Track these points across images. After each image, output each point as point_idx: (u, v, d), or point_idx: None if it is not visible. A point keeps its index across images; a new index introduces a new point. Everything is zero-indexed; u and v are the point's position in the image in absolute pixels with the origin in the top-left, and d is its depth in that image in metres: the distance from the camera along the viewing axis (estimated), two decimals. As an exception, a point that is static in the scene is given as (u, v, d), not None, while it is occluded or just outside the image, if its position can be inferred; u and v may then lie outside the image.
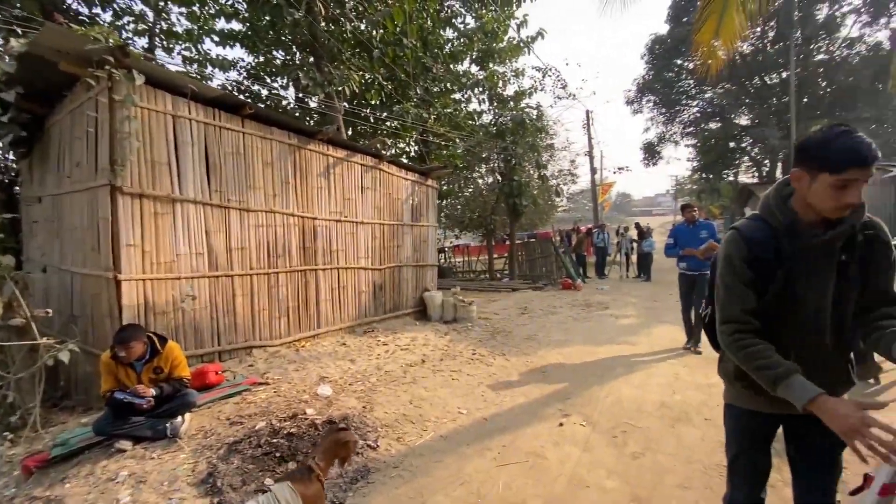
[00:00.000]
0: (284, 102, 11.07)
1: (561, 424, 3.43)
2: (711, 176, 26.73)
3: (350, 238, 6.22)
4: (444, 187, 13.93)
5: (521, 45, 13.38)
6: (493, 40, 12.87)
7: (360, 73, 9.30)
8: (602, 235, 13.88)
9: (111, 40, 3.70)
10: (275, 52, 10.58)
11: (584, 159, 30.35)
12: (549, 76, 13.88)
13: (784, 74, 19.71)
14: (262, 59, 10.64)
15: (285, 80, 10.96)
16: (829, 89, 19.89)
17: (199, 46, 9.57)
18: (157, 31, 8.92)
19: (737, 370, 1.50)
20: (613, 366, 4.86)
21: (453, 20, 12.75)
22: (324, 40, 8.65)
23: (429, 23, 11.15)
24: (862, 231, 1.35)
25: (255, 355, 4.82)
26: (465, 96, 14.02)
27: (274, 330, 5.16)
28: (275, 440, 2.79)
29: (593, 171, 20.02)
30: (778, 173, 22.07)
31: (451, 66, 13.07)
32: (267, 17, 9.27)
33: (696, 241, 5.13)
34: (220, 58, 9.51)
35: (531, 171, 12.70)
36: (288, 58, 10.66)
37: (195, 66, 9.60)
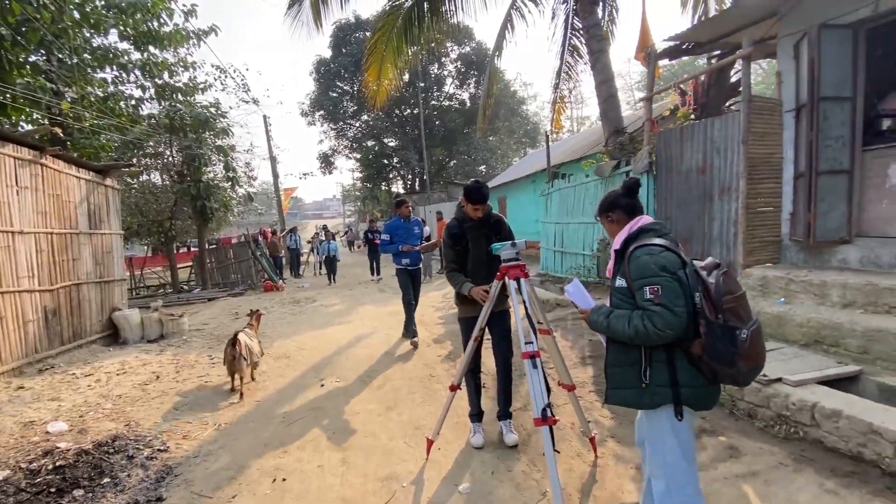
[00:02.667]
0: None
1: (322, 384, 4.32)
2: (371, 185, 32.12)
3: (5, 253, 4.75)
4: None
5: (191, 35, 12.46)
6: (153, 19, 11.42)
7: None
8: (294, 237, 14.82)
9: None
10: None
11: (261, 163, 30.13)
12: (232, 78, 13.53)
13: (416, 111, 26.14)
14: None
15: None
16: (441, 128, 27.81)
17: None
18: None
19: (459, 297, 2.95)
20: (340, 339, 6.04)
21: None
22: None
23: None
24: (490, 220, 3.00)
25: None
26: (120, 78, 11.80)
27: None
28: (39, 479, 2.43)
29: (276, 175, 20.51)
30: (417, 186, 28.95)
31: (93, 35, 10.72)
32: None
33: (413, 237, 5.26)
34: None
35: (220, 174, 12.16)
36: None
37: None
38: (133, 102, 12.06)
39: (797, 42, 4.40)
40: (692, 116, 6.10)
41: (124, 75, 11.79)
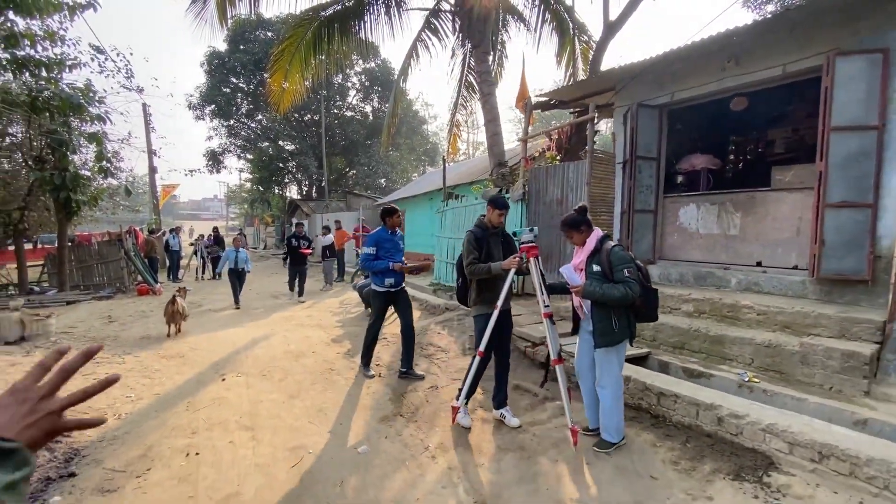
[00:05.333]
0: None
1: (223, 379, 4.54)
2: (264, 188, 30.62)
3: None
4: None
5: (71, 7, 11.16)
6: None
7: None
8: (176, 238, 13.78)
9: None
10: None
11: (139, 155, 26.86)
12: (112, 60, 12.26)
13: (317, 117, 25.81)
14: None
15: None
16: (343, 138, 27.82)
17: None
18: None
19: (476, 297, 3.54)
20: (236, 341, 6.14)
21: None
22: None
23: None
24: (503, 230, 3.69)
25: None
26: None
27: None
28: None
29: (153, 169, 18.62)
30: (314, 193, 28.41)
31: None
32: None
33: (399, 253, 4.59)
34: None
35: (90, 164, 10.95)
36: None
37: None
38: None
39: (625, 113, 5.94)
40: (558, 158, 7.55)
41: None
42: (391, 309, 4.80)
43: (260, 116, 26.32)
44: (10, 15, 10.57)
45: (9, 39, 10.23)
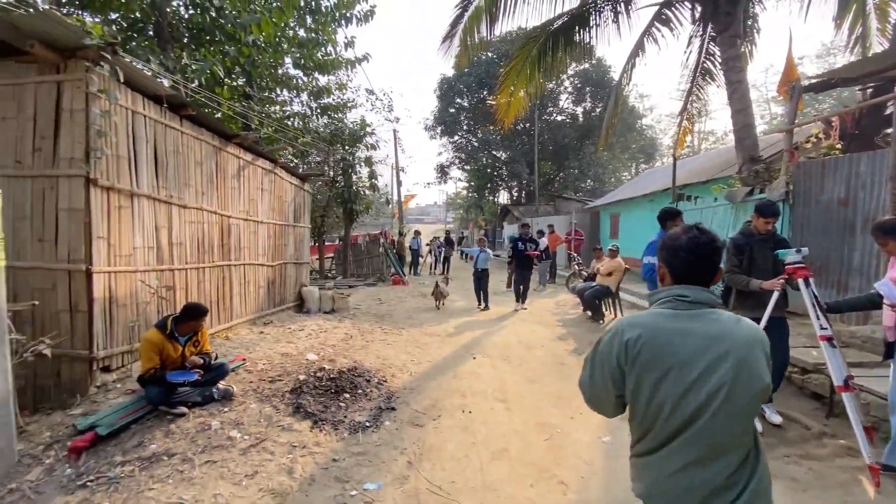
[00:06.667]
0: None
1: (474, 358, 5.43)
2: (477, 195, 33.67)
3: (253, 236, 6.68)
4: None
5: (352, 62, 14.82)
6: (320, 48, 13.87)
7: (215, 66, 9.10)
8: (417, 240, 16.62)
9: (98, 36, 3.73)
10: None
11: (384, 169, 33.46)
12: (380, 99, 15.75)
13: (528, 125, 26.95)
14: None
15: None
16: (551, 142, 28.27)
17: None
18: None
19: (736, 301, 3.64)
20: (474, 327, 7.15)
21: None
22: (179, 23, 8.26)
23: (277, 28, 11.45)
24: (775, 236, 3.68)
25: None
26: (289, 98, 14.54)
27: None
28: (324, 383, 3.83)
29: (399, 183, 22.91)
30: (523, 198, 29.73)
31: (279, 64, 13.44)
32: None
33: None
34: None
35: (364, 181, 14.28)
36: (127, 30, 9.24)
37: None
38: (300, 121, 14.79)
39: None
40: (838, 147, 6.11)
41: (294, 97, 14.54)
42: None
43: (478, 131, 29.13)
44: (316, 74, 14.86)
45: (319, 94, 14.26)
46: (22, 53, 3.67)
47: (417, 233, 16.95)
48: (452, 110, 28.46)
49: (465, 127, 29.57)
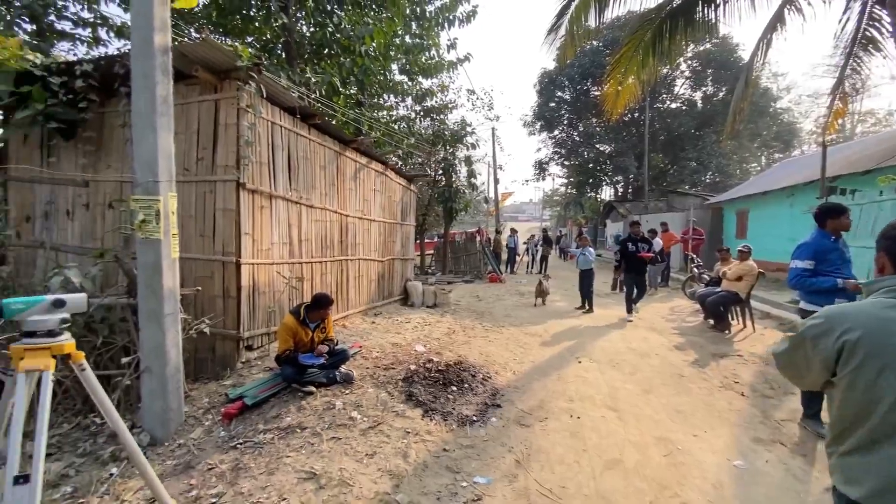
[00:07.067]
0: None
1: (580, 362, 5.21)
2: (577, 192, 32.23)
3: (367, 234, 7.20)
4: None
5: (454, 63, 15.13)
6: (424, 52, 14.31)
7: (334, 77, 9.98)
8: (513, 238, 16.46)
9: (246, 58, 4.32)
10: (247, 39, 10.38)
11: (482, 168, 33.80)
12: (480, 98, 15.91)
13: (636, 115, 25.05)
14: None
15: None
16: (663, 132, 25.94)
17: (95, 6, 8.51)
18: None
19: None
20: (578, 330, 6.86)
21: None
22: (303, 40, 9.18)
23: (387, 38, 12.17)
24: None
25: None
26: (395, 102, 15.29)
27: (325, 310, 5.98)
28: (433, 374, 4.00)
29: (496, 181, 22.87)
30: (630, 194, 27.79)
31: (387, 71, 14.21)
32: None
33: (849, 267, 3.57)
34: (124, 24, 8.58)
35: (463, 180, 14.54)
36: (260, 50, 10.61)
37: (87, 29, 8.58)
38: (405, 124, 15.52)
39: None
40: None
41: (397, 100, 15.27)
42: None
43: (580, 125, 27.87)
44: (419, 78, 15.43)
45: (422, 97, 14.80)
46: (187, 77, 4.39)
47: (514, 231, 16.79)
48: (553, 104, 27.61)
49: (565, 121, 28.49)
